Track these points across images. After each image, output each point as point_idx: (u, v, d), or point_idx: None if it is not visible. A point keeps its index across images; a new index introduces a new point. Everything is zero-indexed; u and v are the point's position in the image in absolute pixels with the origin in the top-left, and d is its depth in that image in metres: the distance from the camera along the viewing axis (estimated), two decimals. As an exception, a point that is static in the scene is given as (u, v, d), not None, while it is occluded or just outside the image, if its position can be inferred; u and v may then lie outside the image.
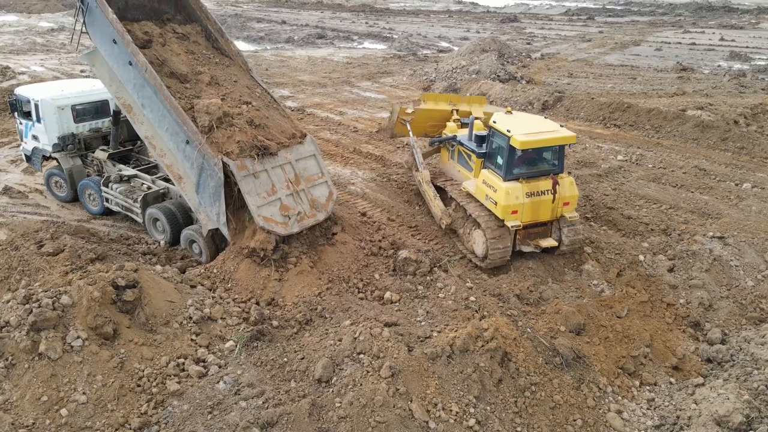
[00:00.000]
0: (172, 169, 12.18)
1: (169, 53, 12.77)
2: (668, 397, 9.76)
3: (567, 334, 10.41)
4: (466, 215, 13.23)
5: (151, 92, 11.72)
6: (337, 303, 10.96)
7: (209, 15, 14.22)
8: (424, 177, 14.73)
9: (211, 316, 9.93)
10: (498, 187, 12.04)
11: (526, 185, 12.00)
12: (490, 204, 12.32)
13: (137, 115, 12.34)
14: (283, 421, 7.82)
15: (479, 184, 12.72)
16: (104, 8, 11.88)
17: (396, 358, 8.77)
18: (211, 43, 14.01)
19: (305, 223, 11.93)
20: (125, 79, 12.20)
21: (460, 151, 14.15)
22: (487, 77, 30.58)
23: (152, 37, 12.74)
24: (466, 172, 13.92)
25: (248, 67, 14.04)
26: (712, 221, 14.18)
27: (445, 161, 15.27)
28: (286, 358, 9.31)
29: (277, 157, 11.92)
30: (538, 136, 11.80)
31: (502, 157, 12.10)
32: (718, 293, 11.89)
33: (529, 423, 8.74)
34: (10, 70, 30.55)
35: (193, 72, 12.69)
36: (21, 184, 16.59)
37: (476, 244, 12.85)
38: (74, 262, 10.71)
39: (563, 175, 12.50)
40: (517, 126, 12.04)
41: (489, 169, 12.64)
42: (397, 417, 8.02)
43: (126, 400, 8.23)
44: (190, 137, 11.41)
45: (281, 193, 11.77)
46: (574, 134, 12.48)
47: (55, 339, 8.27)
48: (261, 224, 11.20)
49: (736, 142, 20.07)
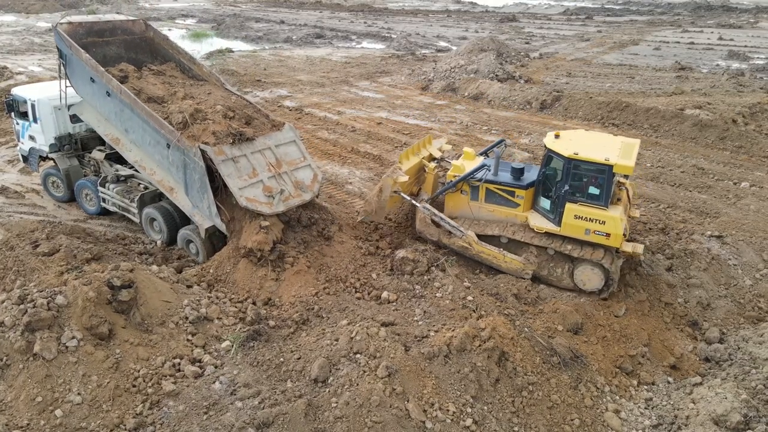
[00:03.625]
0: (163, 183, 12.58)
1: (145, 83, 13.40)
2: (666, 396, 9.72)
3: (565, 333, 10.37)
4: (554, 255, 12.06)
5: (129, 112, 12.37)
6: (334, 303, 10.92)
7: (180, 49, 15.25)
8: (473, 238, 12.43)
9: (208, 316, 9.89)
10: (606, 218, 11.21)
11: (618, 204, 11.62)
12: (597, 237, 11.37)
13: (125, 144, 13.03)
14: (279, 422, 7.79)
15: (568, 221, 11.51)
16: (78, 52, 12.77)
17: (393, 358, 8.73)
18: (185, 73, 14.80)
19: (291, 202, 11.98)
20: (108, 112, 13.05)
21: (489, 189, 12.55)
22: (485, 76, 30.56)
23: (128, 73, 13.46)
24: (507, 210, 12.50)
25: (222, 82, 14.69)
26: (711, 220, 14.16)
27: (462, 206, 13.03)
28: (282, 358, 9.26)
29: (255, 143, 12.18)
30: (632, 154, 11.28)
31: (598, 186, 11.25)
32: (716, 292, 11.86)
33: (526, 423, 8.70)
34: (7, 70, 30.51)
35: (169, 94, 13.21)
36: (17, 184, 16.55)
37: (589, 280, 11.80)
38: (70, 262, 10.66)
39: (624, 180, 12.42)
40: (594, 148, 11.36)
41: (578, 203, 11.44)
42: (393, 417, 7.98)
43: (121, 400, 8.19)
44: (169, 138, 11.77)
45: (263, 175, 11.91)
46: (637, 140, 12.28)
47: (50, 339, 8.22)
48: (244, 204, 11.28)
49: (735, 141, 20.06)
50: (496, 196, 12.52)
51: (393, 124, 23.48)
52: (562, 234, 11.73)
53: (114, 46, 14.43)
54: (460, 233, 12.48)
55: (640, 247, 11.80)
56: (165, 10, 68.23)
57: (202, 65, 14.88)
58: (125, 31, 14.82)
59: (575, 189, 11.46)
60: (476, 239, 12.41)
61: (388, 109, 25.87)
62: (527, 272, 12.10)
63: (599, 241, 11.41)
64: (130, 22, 15.20)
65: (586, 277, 11.80)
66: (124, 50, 14.58)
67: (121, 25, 14.85)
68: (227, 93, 14.16)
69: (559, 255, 11.96)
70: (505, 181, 12.39)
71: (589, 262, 11.62)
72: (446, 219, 12.72)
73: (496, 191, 12.48)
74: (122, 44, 14.67)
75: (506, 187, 12.35)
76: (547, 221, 11.94)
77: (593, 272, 11.67)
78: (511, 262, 12.19)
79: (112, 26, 14.59)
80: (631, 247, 11.68)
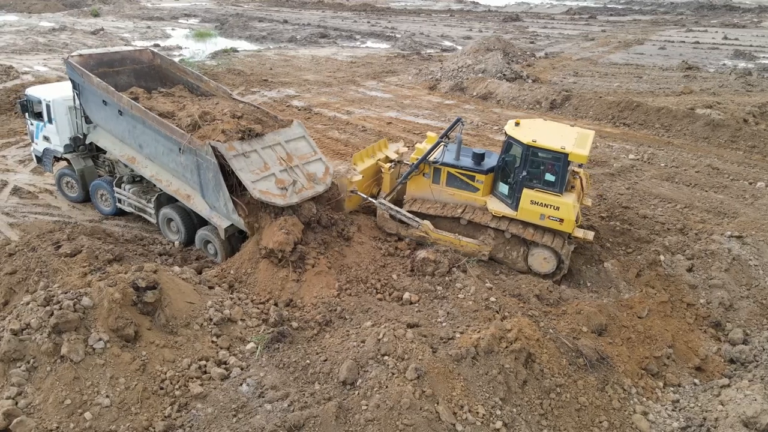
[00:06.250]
0: (180, 192, 12.69)
1: (155, 102, 13.60)
2: (693, 398, 9.66)
3: (589, 334, 10.31)
4: (509, 238, 12.60)
5: (141, 126, 12.55)
6: (356, 304, 10.86)
7: (187, 70, 15.56)
8: (429, 227, 12.99)
9: (231, 318, 9.81)
10: (560, 204, 11.78)
11: (572, 192, 12.11)
12: (551, 223, 12.00)
13: (141, 161, 13.24)
14: (310, 424, 7.71)
15: (525, 206, 12.09)
16: (89, 78, 13.11)
17: (421, 360, 8.66)
18: (193, 92, 15.05)
19: (304, 194, 11.99)
20: (121, 132, 13.25)
21: (450, 173, 13.00)
22: (493, 76, 30.51)
23: (138, 95, 13.66)
24: (468, 194, 13.01)
25: (229, 93, 14.86)
26: (729, 220, 14.11)
27: (424, 188, 13.41)
28: (308, 360, 9.19)
29: (264, 138, 12.26)
30: (587, 143, 11.80)
31: (554, 173, 11.78)
32: (738, 293, 11.79)
33: (555, 425, 8.64)
34: (13, 70, 30.40)
35: (178, 108, 13.42)
36: (30, 185, 16.48)
37: (545, 261, 12.41)
38: (92, 263, 10.59)
39: (578, 169, 12.75)
40: (551, 137, 11.88)
41: (534, 188, 11.99)
42: (424, 420, 7.91)
43: (149, 403, 8.12)
44: (180, 142, 11.83)
45: (275, 169, 11.96)
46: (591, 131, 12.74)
47: (77, 341, 8.15)
48: (257, 197, 11.30)
49: (747, 140, 20.02)
50: (457, 180, 13.01)
51: (403, 123, 23.42)
52: (518, 218, 12.29)
53: (124, 75, 14.80)
54: (416, 224, 13.01)
55: (590, 233, 12.54)
56: (167, 10, 68.14)
57: (209, 81, 15.10)
58: (134, 60, 15.23)
59: (532, 175, 11.99)
60: (432, 228, 12.98)
61: (398, 109, 25.81)
62: (484, 254, 12.71)
63: (553, 226, 11.96)
64: (138, 52, 15.64)
65: (539, 260, 12.43)
66: (134, 79, 14.92)
67: (130, 55, 15.27)
68: (235, 102, 14.35)
69: (515, 239, 12.52)
70: (466, 165, 12.87)
71: (543, 246, 12.18)
72: (402, 211, 13.18)
73: (457, 175, 12.97)
74: (132, 73, 15.05)
75: (467, 171, 12.83)
76: (505, 206, 12.50)
77: (546, 255, 12.28)
78: (468, 245, 12.78)
79: (121, 57, 15.00)
80: (582, 233, 12.45)
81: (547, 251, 12.28)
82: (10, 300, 10.01)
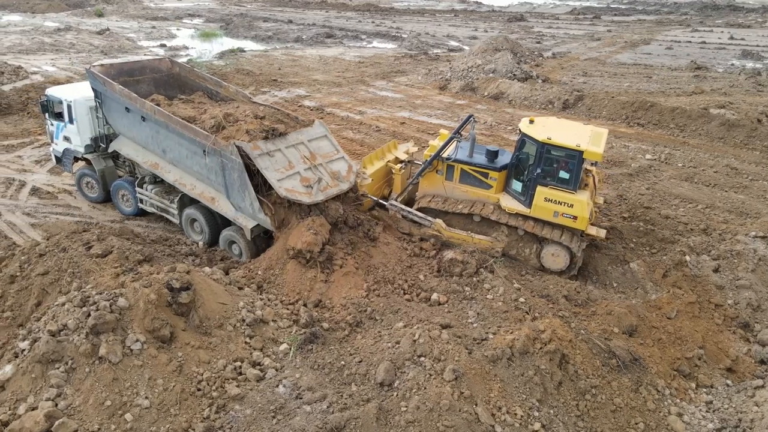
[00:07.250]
0: (204, 195, 12.73)
1: (177, 108, 13.66)
2: (727, 399, 9.63)
3: (620, 335, 10.29)
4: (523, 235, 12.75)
5: (164, 131, 12.63)
6: (386, 304, 10.83)
7: (206, 77, 15.62)
8: (441, 225, 13.08)
9: (263, 319, 9.78)
10: (574, 201, 11.84)
11: (585, 189, 12.19)
12: (565, 220, 12.05)
13: (164, 166, 13.32)
14: (350, 426, 7.68)
15: (539, 203, 12.17)
16: (111, 85, 13.23)
17: (458, 361, 8.64)
18: (213, 98, 15.14)
19: (329, 192, 12.05)
20: (144, 138, 13.34)
21: (464, 170, 13.10)
22: (503, 76, 30.49)
23: (159, 102, 13.71)
24: (481, 191, 13.09)
25: (249, 97, 14.94)
26: (752, 221, 14.08)
27: (437, 185, 13.54)
28: (343, 361, 9.17)
29: (288, 138, 12.33)
30: (601, 141, 11.86)
31: (568, 171, 11.81)
32: (765, 294, 11.76)
33: (592, 427, 8.62)
34: (22, 70, 30.32)
35: (199, 113, 13.48)
36: (48, 185, 16.44)
37: (557, 258, 12.52)
38: (123, 263, 10.56)
39: (591, 167, 12.84)
40: (566, 135, 11.93)
41: (548, 186, 12.08)
42: (464, 421, 7.89)
43: (188, 404, 8.09)
44: (204, 144, 11.86)
45: (299, 167, 12.03)
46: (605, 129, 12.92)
47: (115, 342, 8.11)
48: (284, 194, 11.37)
49: (763, 140, 20.01)
50: (471, 177, 13.07)
51: (417, 123, 23.40)
52: (532, 216, 12.32)
53: (144, 84, 14.93)
54: (428, 223, 13.07)
55: (602, 231, 12.68)
56: (171, 10, 68.11)
57: (228, 86, 15.19)
58: (153, 69, 15.40)
59: (546, 173, 12.02)
60: (444, 226, 13.02)
61: (410, 109, 25.79)
62: (497, 250, 12.74)
63: (566, 224, 12.00)
64: (157, 61, 15.82)
65: (547, 257, 12.52)
66: (154, 87, 15.02)
67: (149, 64, 15.45)
68: (255, 105, 14.41)
69: (528, 235, 12.60)
70: (479, 162, 12.93)
71: (556, 243, 12.24)
72: (413, 211, 13.27)
73: (470, 172, 13.03)
74: (152, 82, 15.19)
75: (480, 168, 12.90)
76: (518, 203, 12.55)
77: (560, 253, 12.34)
78: (481, 242, 12.87)
79: (141, 66, 15.18)
80: (595, 231, 12.57)
81: (561, 248, 12.37)
82: (43, 301, 9.98)
